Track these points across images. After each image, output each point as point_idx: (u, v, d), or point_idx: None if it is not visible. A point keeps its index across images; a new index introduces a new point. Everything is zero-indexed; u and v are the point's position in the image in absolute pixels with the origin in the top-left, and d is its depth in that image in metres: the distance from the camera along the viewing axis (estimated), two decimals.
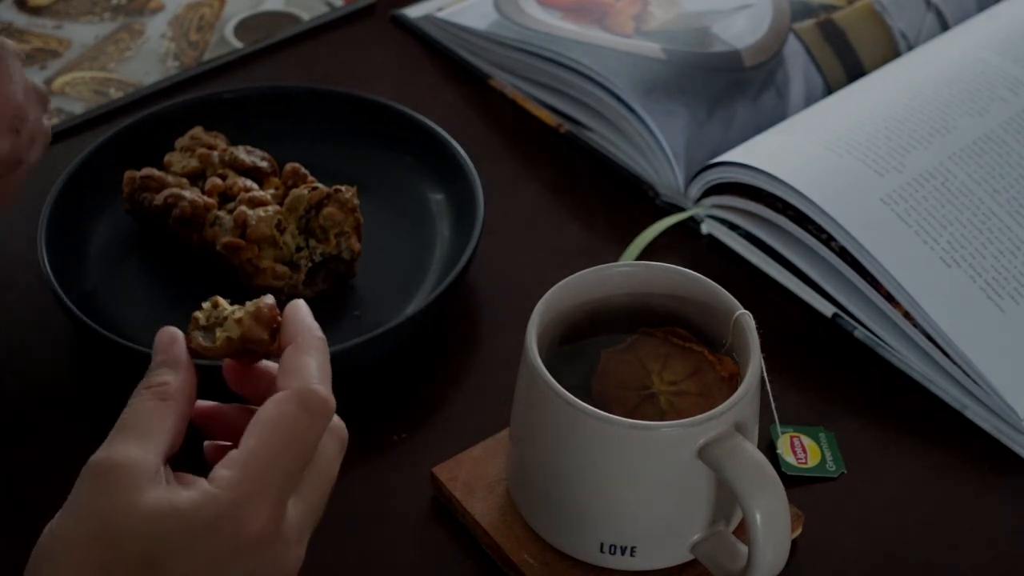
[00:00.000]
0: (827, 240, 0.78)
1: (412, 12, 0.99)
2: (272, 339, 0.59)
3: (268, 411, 0.56)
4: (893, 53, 0.92)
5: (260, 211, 0.76)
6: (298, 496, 0.56)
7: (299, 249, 0.76)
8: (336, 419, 0.58)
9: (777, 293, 0.80)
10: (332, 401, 0.56)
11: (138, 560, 0.52)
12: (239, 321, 0.60)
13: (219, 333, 0.60)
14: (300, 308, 0.60)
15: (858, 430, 0.73)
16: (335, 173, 0.82)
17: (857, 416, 0.74)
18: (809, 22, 0.92)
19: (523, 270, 0.81)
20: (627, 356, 0.65)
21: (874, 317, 0.77)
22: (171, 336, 0.59)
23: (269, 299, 0.60)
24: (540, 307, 0.64)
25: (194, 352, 0.59)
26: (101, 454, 0.54)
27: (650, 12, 0.92)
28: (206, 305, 0.61)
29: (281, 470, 0.54)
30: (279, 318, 0.60)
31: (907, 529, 0.69)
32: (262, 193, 0.77)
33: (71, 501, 0.54)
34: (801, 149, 0.81)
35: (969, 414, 0.74)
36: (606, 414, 0.60)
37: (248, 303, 0.60)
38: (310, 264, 0.76)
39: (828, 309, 0.78)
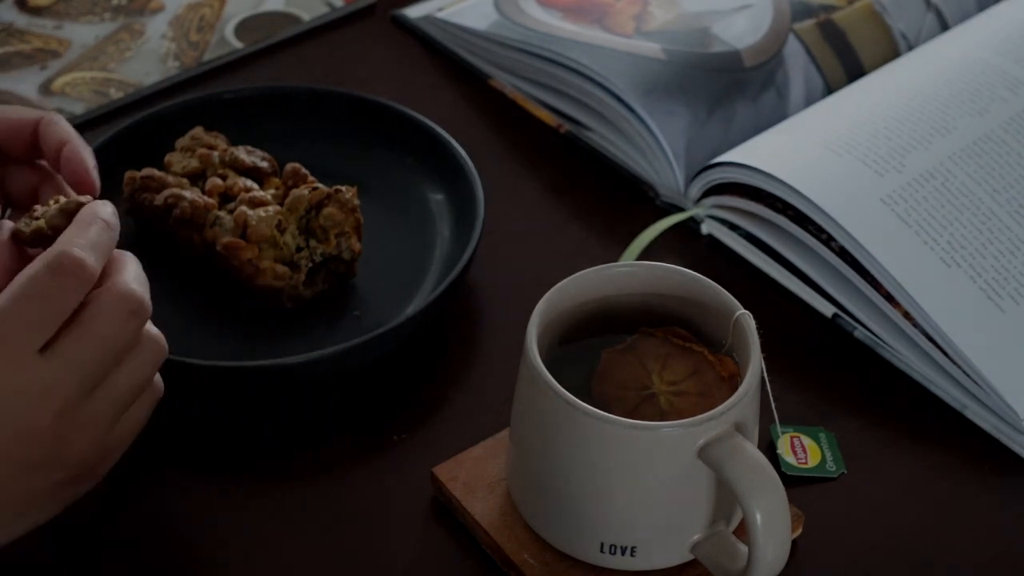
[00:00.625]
0: (827, 240, 0.78)
1: (412, 12, 0.99)
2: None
3: (20, 273, 0.58)
4: (893, 53, 0.92)
5: (260, 211, 0.76)
6: (50, 352, 0.57)
7: (299, 249, 0.76)
8: (123, 285, 0.59)
9: (777, 293, 0.80)
10: (86, 262, 0.58)
11: None
12: (59, 211, 0.64)
13: (45, 216, 0.64)
14: (97, 202, 0.63)
15: (858, 430, 0.73)
16: (335, 173, 0.82)
17: (857, 416, 0.74)
18: (809, 22, 0.92)
19: (523, 270, 0.81)
20: (627, 356, 0.65)
21: (874, 317, 0.77)
22: None
23: (85, 197, 0.64)
24: (540, 307, 0.64)
25: (16, 235, 0.64)
26: None
27: (650, 12, 0.92)
28: (52, 200, 0.65)
29: (18, 323, 0.56)
30: None
31: (907, 529, 0.69)
32: (262, 193, 0.77)
33: None
34: (801, 149, 0.81)
35: (969, 414, 0.74)
36: (606, 414, 0.60)
37: (79, 199, 0.64)
38: (310, 264, 0.76)
39: (828, 309, 0.78)
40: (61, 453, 0.58)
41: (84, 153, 0.68)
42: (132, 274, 0.60)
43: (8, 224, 0.65)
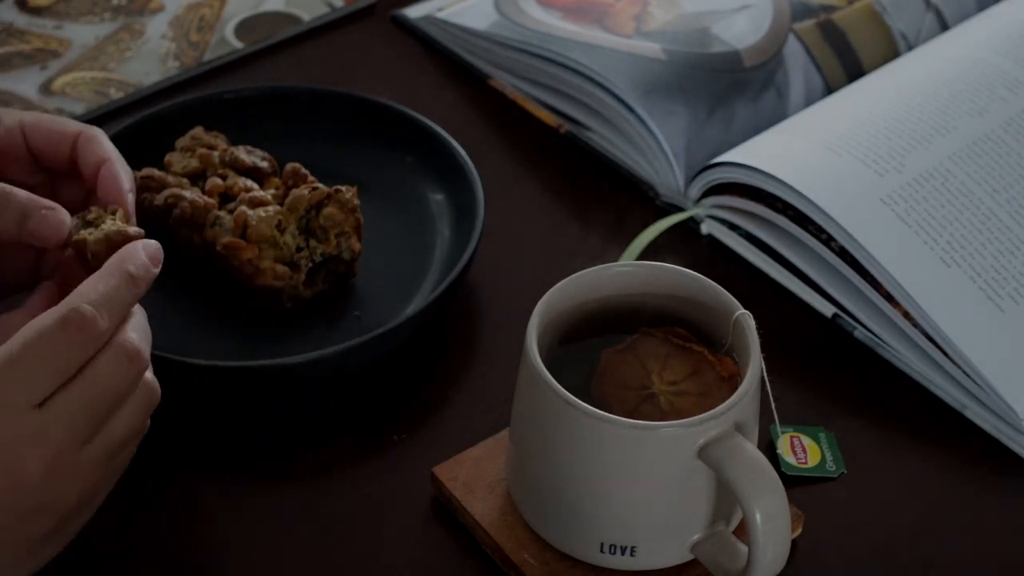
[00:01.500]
0: (827, 240, 0.78)
1: (412, 12, 0.99)
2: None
3: (32, 322, 0.58)
4: (893, 53, 0.92)
5: (260, 211, 0.76)
6: (50, 404, 0.57)
7: (299, 249, 0.76)
8: (121, 336, 0.59)
9: (777, 293, 0.80)
10: (97, 322, 0.58)
11: None
12: (104, 237, 0.64)
13: (89, 238, 0.64)
14: (136, 246, 0.62)
15: (858, 430, 0.73)
16: (335, 173, 0.82)
17: (857, 416, 0.74)
18: (809, 22, 0.92)
19: (523, 270, 0.81)
20: (627, 356, 0.65)
21: (874, 317, 0.77)
22: None
23: (132, 230, 0.64)
24: (540, 307, 0.64)
25: (68, 238, 0.65)
26: None
27: (650, 12, 0.92)
28: (111, 213, 0.66)
29: (18, 376, 0.56)
30: None
31: (907, 529, 0.69)
32: (262, 193, 0.77)
33: None
34: (801, 149, 0.81)
35: (969, 414, 0.74)
36: (606, 414, 0.60)
37: (119, 223, 0.65)
38: (310, 264, 0.76)
39: (828, 309, 0.78)
40: (54, 502, 0.58)
41: (121, 174, 0.67)
42: (132, 324, 0.60)
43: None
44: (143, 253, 0.62)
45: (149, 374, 0.61)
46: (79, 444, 0.58)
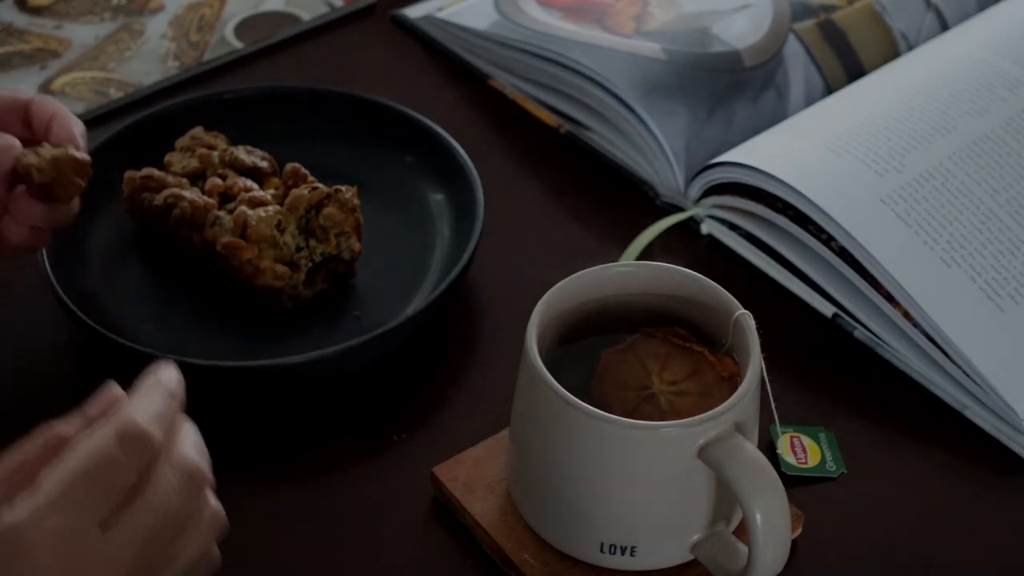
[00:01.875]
0: (827, 240, 0.78)
1: (412, 12, 0.99)
2: (49, 183, 0.68)
3: (84, 437, 0.55)
4: (893, 53, 0.92)
5: (260, 211, 0.76)
6: (115, 527, 0.54)
7: (299, 249, 0.76)
8: (182, 455, 0.56)
9: (777, 293, 0.80)
10: (151, 433, 0.55)
11: None
12: (51, 157, 0.68)
13: (34, 160, 0.68)
14: (161, 366, 0.59)
15: (858, 430, 0.73)
16: (335, 173, 0.82)
17: (857, 416, 0.74)
18: (809, 22, 0.92)
19: (523, 270, 0.81)
20: (627, 356, 0.65)
21: (874, 317, 0.77)
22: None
23: (79, 154, 0.69)
24: (540, 307, 0.64)
25: (17, 159, 0.69)
26: None
27: (650, 12, 0.92)
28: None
29: (84, 495, 0.53)
30: (82, 170, 0.69)
31: (907, 529, 0.69)
32: (262, 193, 0.77)
33: None
34: (801, 149, 0.81)
35: (969, 414, 0.74)
36: (606, 414, 0.60)
37: (68, 150, 0.69)
38: (310, 264, 0.76)
39: (828, 309, 0.78)
40: None
41: (72, 122, 0.71)
42: (191, 443, 0.58)
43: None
44: (173, 370, 0.59)
45: (215, 501, 0.58)
46: (146, 570, 0.55)
